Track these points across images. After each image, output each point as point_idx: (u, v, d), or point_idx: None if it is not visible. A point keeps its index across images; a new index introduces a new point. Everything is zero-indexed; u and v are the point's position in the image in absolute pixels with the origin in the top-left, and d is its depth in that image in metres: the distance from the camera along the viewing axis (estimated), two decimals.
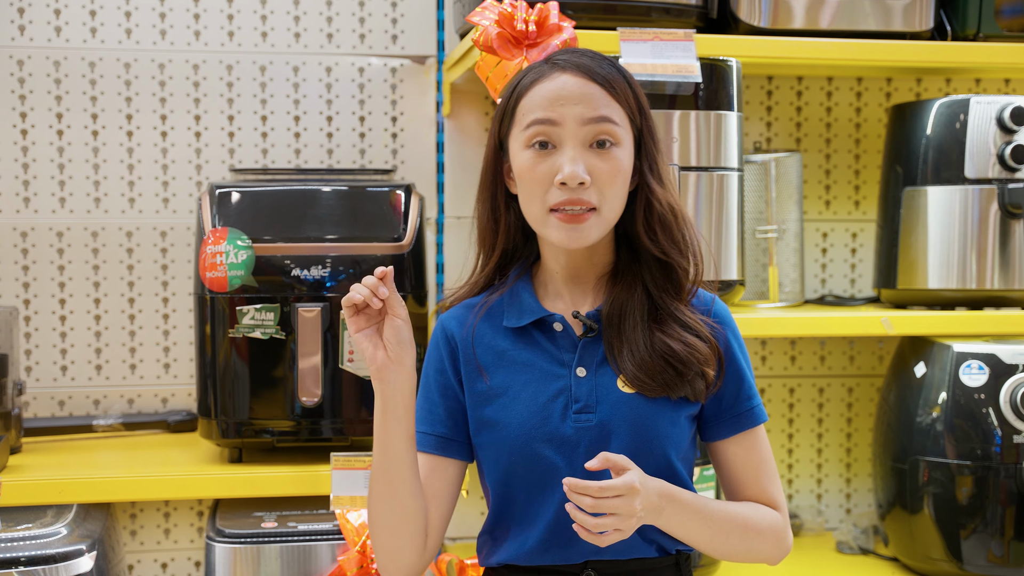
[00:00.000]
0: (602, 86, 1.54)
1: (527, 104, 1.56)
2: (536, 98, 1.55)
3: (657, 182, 1.58)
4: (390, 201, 2.27)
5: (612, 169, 1.53)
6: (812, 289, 2.83)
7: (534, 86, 1.56)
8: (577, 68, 1.55)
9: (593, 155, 1.53)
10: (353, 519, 2.07)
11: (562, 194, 1.52)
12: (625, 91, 1.56)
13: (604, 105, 1.54)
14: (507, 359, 1.60)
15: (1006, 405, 2.30)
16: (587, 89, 1.54)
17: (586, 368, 1.57)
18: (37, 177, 2.59)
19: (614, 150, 1.54)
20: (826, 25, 2.39)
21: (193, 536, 2.64)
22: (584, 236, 1.54)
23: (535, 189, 1.54)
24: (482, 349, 1.61)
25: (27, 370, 2.59)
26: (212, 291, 2.17)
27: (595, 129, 1.53)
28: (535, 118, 1.54)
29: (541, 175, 1.53)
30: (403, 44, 2.69)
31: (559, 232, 1.54)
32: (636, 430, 1.54)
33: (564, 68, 1.55)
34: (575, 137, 1.53)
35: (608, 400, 1.55)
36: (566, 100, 1.53)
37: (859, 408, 2.85)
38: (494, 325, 1.62)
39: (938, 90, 2.85)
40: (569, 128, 1.53)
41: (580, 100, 1.53)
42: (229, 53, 2.63)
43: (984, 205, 2.41)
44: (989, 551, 2.32)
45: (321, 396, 2.19)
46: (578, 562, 1.56)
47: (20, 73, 2.58)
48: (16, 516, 2.16)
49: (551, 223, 1.54)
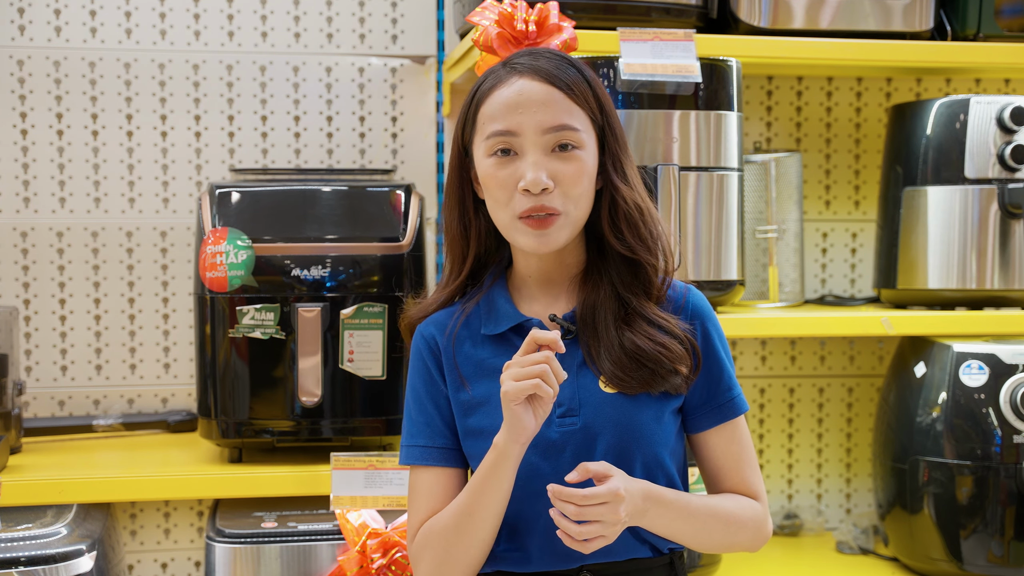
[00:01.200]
0: (561, 90, 1.53)
1: (486, 112, 1.54)
2: (495, 105, 1.53)
3: (621, 180, 1.57)
4: (390, 201, 2.27)
5: (575, 171, 1.52)
6: (812, 289, 2.83)
7: (492, 92, 1.54)
8: (535, 72, 1.53)
9: (555, 159, 1.52)
10: (353, 519, 2.07)
11: (527, 201, 1.51)
12: (585, 92, 1.54)
13: (564, 111, 1.52)
14: (487, 367, 1.58)
15: (1006, 405, 2.30)
16: (546, 95, 1.52)
17: (567, 370, 1.54)
18: (37, 177, 2.59)
19: (576, 152, 1.53)
20: (826, 25, 2.39)
21: (193, 536, 2.64)
22: (552, 240, 1.53)
23: (500, 196, 1.53)
24: (462, 359, 1.60)
25: (27, 370, 2.59)
26: (212, 291, 2.17)
27: (555, 137, 1.52)
28: (495, 129, 1.52)
29: (504, 181, 1.52)
30: (403, 44, 2.69)
31: (527, 238, 1.53)
32: (620, 430, 1.53)
33: (522, 72, 1.54)
34: (535, 145, 1.52)
35: (591, 402, 1.54)
36: (525, 108, 1.51)
37: (859, 408, 2.85)
38: (472, 333, 1.61)
39: (938, 90, 2.85)
40: (529, 137, 1.51)
41: (539, 107, 1.51)
42: (229, 53, 2.63)
43: (984, 205, 2.41)
44: (989, 551, 2.32)
45: (321, 396, 2.19)
46: (573, 567, 1.54)
47: (20, 73, 2.58)
48: (16, 516, 2.16)
49: (519, 229, 1.53)
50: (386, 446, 2.27)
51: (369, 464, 2.12)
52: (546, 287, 1.61)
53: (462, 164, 1.61)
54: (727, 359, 1.62)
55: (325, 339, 2.18)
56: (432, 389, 1.61)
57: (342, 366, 2.19)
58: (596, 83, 1.57)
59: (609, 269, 1.58)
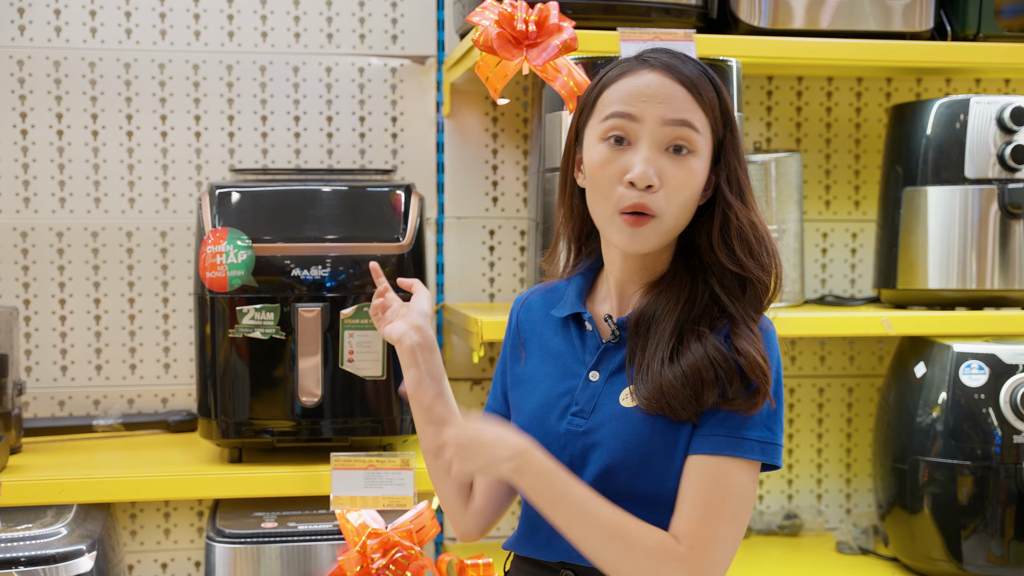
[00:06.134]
0: (688, 89, 1.50)
1: (609, 96, 1.52)
2: (619, 91, 1.51)
3: (737, 197, 1.52)
4: (390, 201, 2.27)
5: (684, 177, 1.48)
6: (812, 289, 2.83)
7: (620, 79, 1.52)
8: (666, 68, 1.51)
9: (667, 159, 1.48)
10: (353, 519, 2.07)
11: (630, 196, 1.47)
12: (712, 99, 1.51)
13: (687, 109, 1.49)
14: (543, 345, 1.61)
15: (1006, 405, 2.30)
16: (672, 90, 1.49)
17: (600, 373, 1.53)
18: (37, 177, 2.59)
19: (690, 158, 1.49)
20: (826, 25, 2.39)
21: (193, 536, 2.64)
22: (642, 241, 1.49)
23: (603, 186, 1.50)
24: (530, 332, 1.63)
25: (27, 370, 2.59)
26: (212, 291, 2.17)
27: (674, 132, 1.48)
28: (614, 111, 1.50)
29: (612, 173, 1.49)
30: (403, 44, 2.69)
31: (621, 235, 1.50)
32: (623, 444, 1.48)
33: (653, 66, 1.51)
34: (652, 136, 1.48)
35: (604, 410, 1.52)
36: (649, 98, 1.49)
37: (859, 408, 2.85)
38: (544, 312, 1.64)
39: (938, 90, 2.85)
40: (648, 126, 1.48)
41: (663, 100, 1.49)
42: (229, 53, 2.63)
43: (984, 205, 2.41)
44: (989, 551, 2.32)
45: (321, 396, 2.19)
46: (554, 560, 1.54)
47: (20, 73, 2.58)
48: (16, 516, 2.16)
49: (615, 223, 1.49)
50: (386, 446, 2.27)
51: (369, 464, 2.12)
52: (624, 287, 1.58)
53: (571, 150, 1.59)
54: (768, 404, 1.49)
55: (325, 339, 2.18)
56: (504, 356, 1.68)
57: (342, 366, 2.19)
58: (725, 94, 1.54)
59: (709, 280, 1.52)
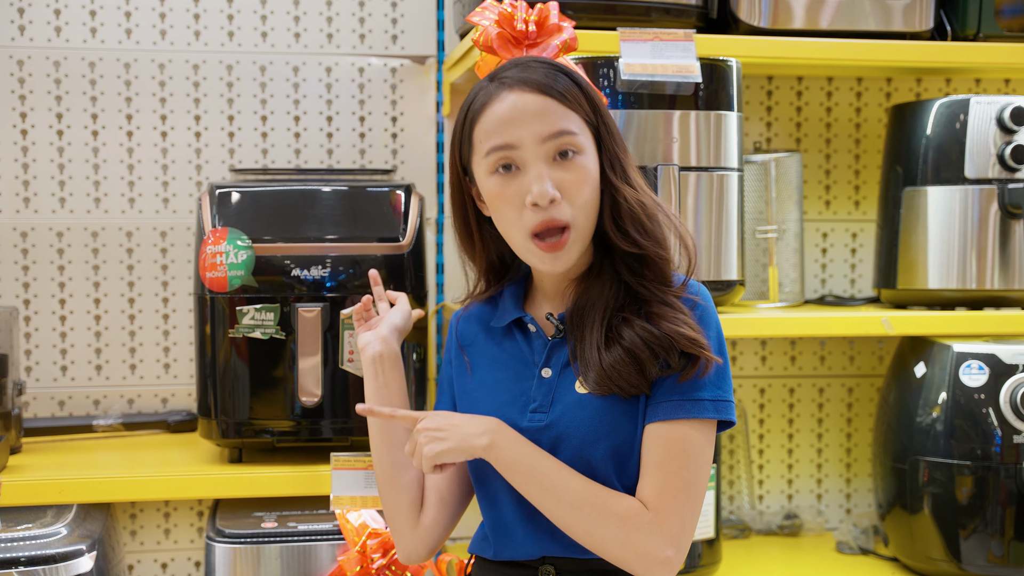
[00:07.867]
0: (554, 98, 1.52)
1: (482, 129, 1.54)
2: (489, 122, 1.53)
3: (621, 180, 1.56)
4: (390, 201, 2.27)
5: (579, 178, 1.52)
6: (812, 289, 2.83)
7: (485, 109, 1.54)
8: (525, 84, 1.52)
9: (558, 168, 1.52)
10: (353, 519, 2.07)
11: (536, 215, 1.51)
12: (577, 97, 1.54)
13: (558, 117, 1.51)
14: (489, 357, 1.63)
15: (1006, 405, 2.30)
16: (537, 104, 1.51)
17: (552, 369, 1.57)
18: (37, 177, 2.59)
19: (578, 158, 1.52)
20: (826, 25, 2.39)
21: (193, 536, 2.64)
22: (565, 260, 1.54)
23: (509, 214, 1.53)
24: (472, 345, 1.66)
25: (27, 370, 2.59)
26: (212, 291, 2.17)
27: (554, 144, 1.51)
28: (492, 145, 1.52)
29: (511, 198, 1.52)
30: (403, 44, 2.69)
31: (543, 263, 1.54)
32: (585, 430, 1.52)
33: (512, 86, 1.53)
34: (536, 156, 1.51)
35: (563, 401, 1.55)
36: (519, 121, 1.51)
37: (859, 408, 2.85)
38: (484, 325, 1.67)
39: (938, 90, 2.85)
40: (529, 149, 1.51)
41: (533, 118, 1.51)
42: (229, 53, 2.63)
43: (984, 205, 2.41)
44: (989, 551, 2.32)
45: (321, 396, 2.19)
46: (534, 557, 1.56)
47: (20, 73, 2.58)
48: (16, 516, 2.16)
49: (533, 252, 1.54)
50: None
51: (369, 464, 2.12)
52: (556, 286, 1.63)
53: (461, 184, 1.62)
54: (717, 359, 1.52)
55: (325, 339, 2.18)
56: (448, 373, 1.70)
57: (342, 366, 2.19)
58: (587, 85, 1.57)
59: (617, 266, 1.57)
